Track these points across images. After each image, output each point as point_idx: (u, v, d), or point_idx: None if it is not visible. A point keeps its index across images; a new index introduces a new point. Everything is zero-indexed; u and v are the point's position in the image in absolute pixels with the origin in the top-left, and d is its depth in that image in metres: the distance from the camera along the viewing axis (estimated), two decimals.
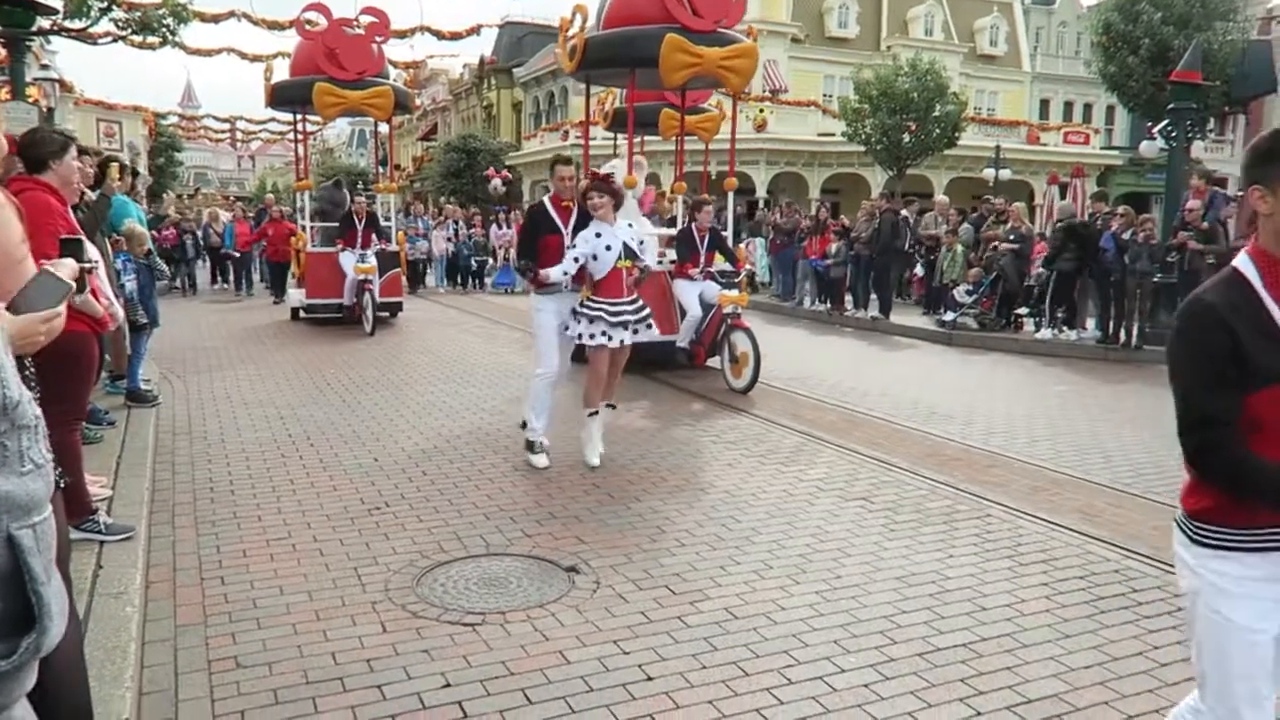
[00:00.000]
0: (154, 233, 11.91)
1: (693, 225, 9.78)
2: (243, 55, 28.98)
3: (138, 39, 12.09)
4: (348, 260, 13.00)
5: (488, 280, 21.29)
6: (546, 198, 6.40)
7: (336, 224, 14.00)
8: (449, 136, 43.93)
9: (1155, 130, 18.92)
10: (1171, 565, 2.29)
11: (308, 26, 13.70)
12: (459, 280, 21.36)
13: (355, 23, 13.56)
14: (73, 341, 4.02)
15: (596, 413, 6.13)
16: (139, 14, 12.36)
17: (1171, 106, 13.25)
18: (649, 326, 6.18)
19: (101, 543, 4.22)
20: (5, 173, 3.77)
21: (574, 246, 5.92)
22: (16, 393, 0.96)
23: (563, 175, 6.20)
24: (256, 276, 20.33)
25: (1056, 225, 12.93)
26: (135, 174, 9.71)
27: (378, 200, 14.93)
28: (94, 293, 4.43)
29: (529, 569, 4.38)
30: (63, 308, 1.76)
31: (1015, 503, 5.54)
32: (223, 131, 50.04)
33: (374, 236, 13.29)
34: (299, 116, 15.03)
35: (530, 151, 37.70)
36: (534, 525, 4.98)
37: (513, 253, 19.74)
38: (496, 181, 31.33)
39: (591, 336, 5.93)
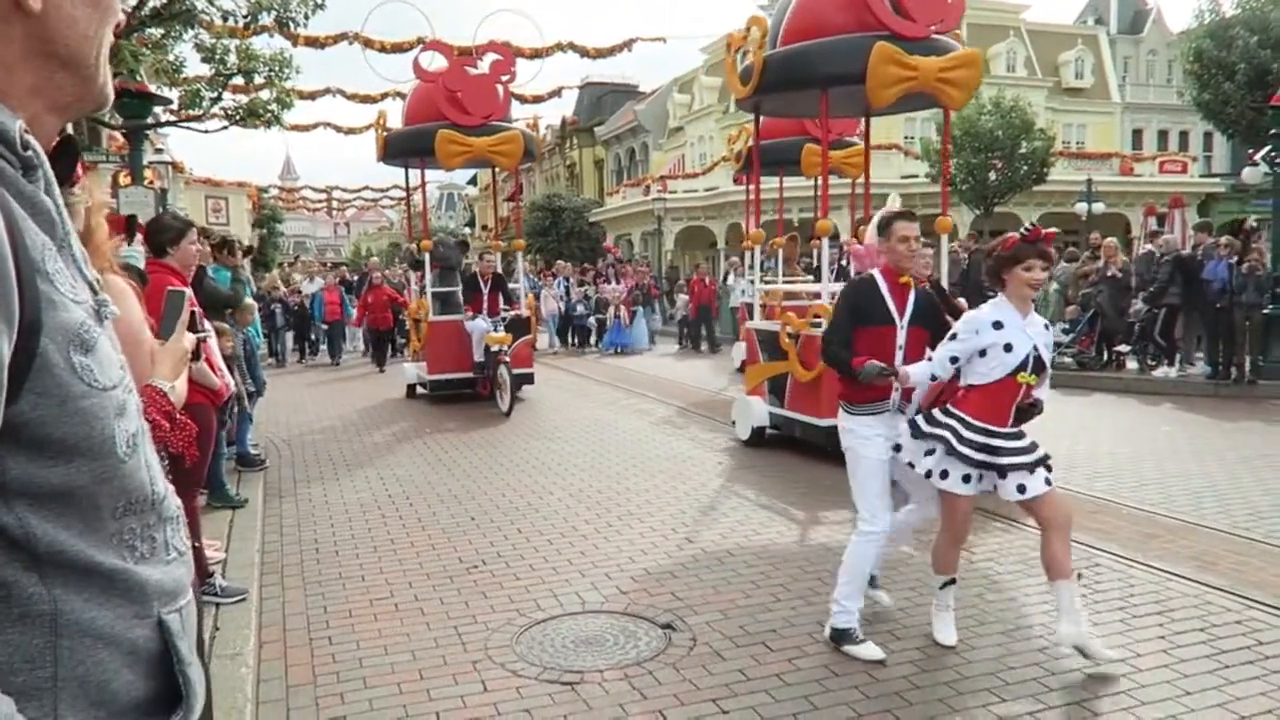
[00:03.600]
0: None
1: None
2: (337, 129, 30.52)
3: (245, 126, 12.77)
4: (477, 329, 11.48)
5: (594, 340, 20.21)
6: (876, 269, 4.24)
7: (454, 288, 12.74)
8: (534, 196, 44.99)
9: (1258, 156, 18.22)
10: None
11: (425, 67, 12.09)
12: (571, 339, 20.37)
13: (477, 61, 11.97)
14: (192, 412, 4.26)
15: (953, 581, 4.19)
16: (247, 101, 13.12)
17: (1273, 132, 12.77)
18: (1048, 471, 3.92)
19: (218, 605, 4.41)
20: (115, 252, 4.08)
21: (953, 337, 3.93)
22: (163, 488, 1.05)
23: (906, 234, 4.09)
24: (347, 344, 19.48)
25: (1162, 259, 12.51)
26: (249, 250, 10.10)
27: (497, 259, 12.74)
28: (209, 364, 4.70)
29: (625, 626, 4.39)
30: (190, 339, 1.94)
31: (1125, 551, 5.32)
32: (319, 201, 52.50)
33: (501, 300, 11.87)
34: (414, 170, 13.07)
35: (614, 207, 38.34)
36: (629, 582, 5.01)
37: (623, 311, 19.09)
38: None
39: (944, 475, 3.90)
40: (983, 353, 3.86)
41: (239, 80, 12.97)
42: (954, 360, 3.93)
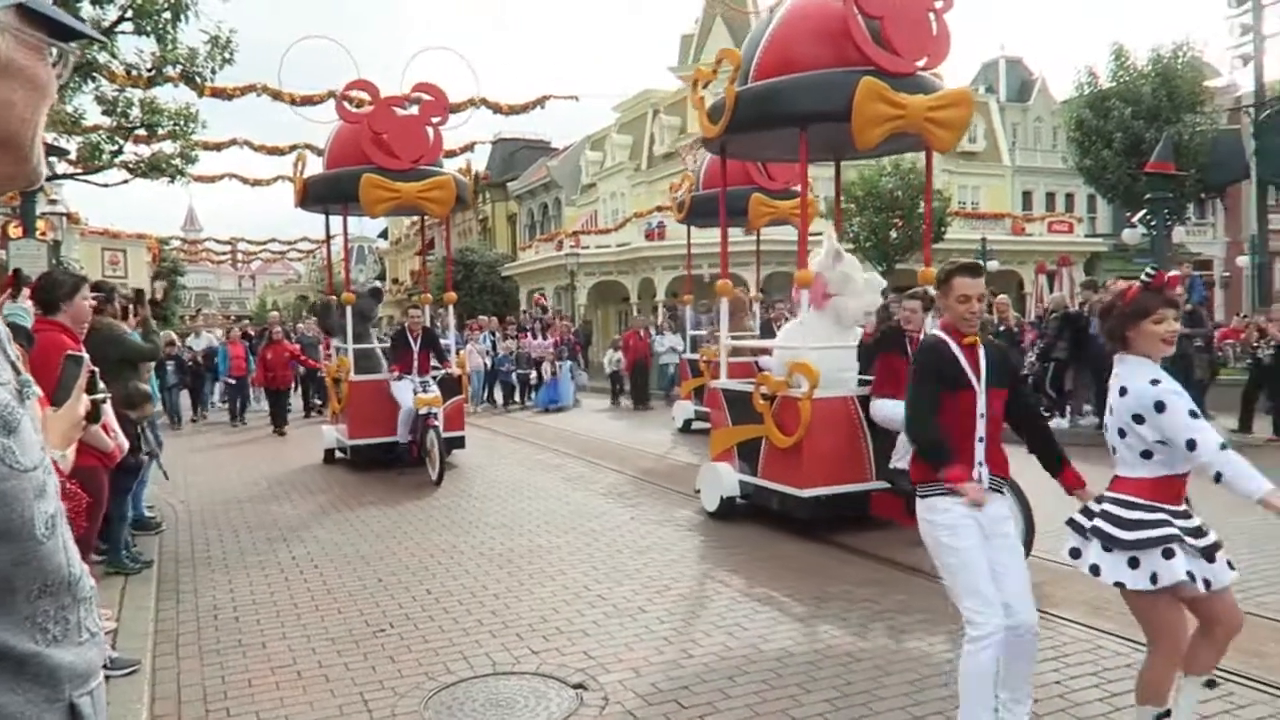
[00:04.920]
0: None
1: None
2: (244, 180, 29.96)
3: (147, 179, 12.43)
4: (404, 390, 10.56)
5: (530, 398, 19.49)
6: (937, 327, 3.80)
7: (370, 344, 11.87)
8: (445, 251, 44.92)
9: (1135, 219, 19.42)
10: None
11: (349, 107, 11.17)
12: (492, 397, 19.63)
13: (407, 102, 11.06)
14: (82, 476, 4.10)
15: (1168, 714, 3.31)
16: (150, 154, 12.80)
17: (1148, 196, 13.66)
18: (1229, 561, 3.22)
19: (107, 678, 4.19)
20: None
21: (1195, 415, 3.07)
22: (79, 569, 1.04)
23: (966, 293, 3.57)
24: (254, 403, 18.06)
25: (1051, 315, 13.15)
26: (148, 298, 9.34)
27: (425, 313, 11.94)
28: (103, 425, 4.54)
29: (536, 687, 4.34)
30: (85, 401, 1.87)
31: None
32: (224, 253, 51.19)
33: (431, 358, 11.00)
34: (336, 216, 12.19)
35: (527, 261, 38.39)
36: (540, 641, 4.96)
37: (559, 365, 18.52)
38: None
39: (1160, 575, 3.09)
40: (1161, 440, 3.11)
41: (141, 132, 12.67)
42: (1149, 455, 3.15)
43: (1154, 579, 3.07)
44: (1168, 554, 3.06)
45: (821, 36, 7.31)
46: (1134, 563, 3.11)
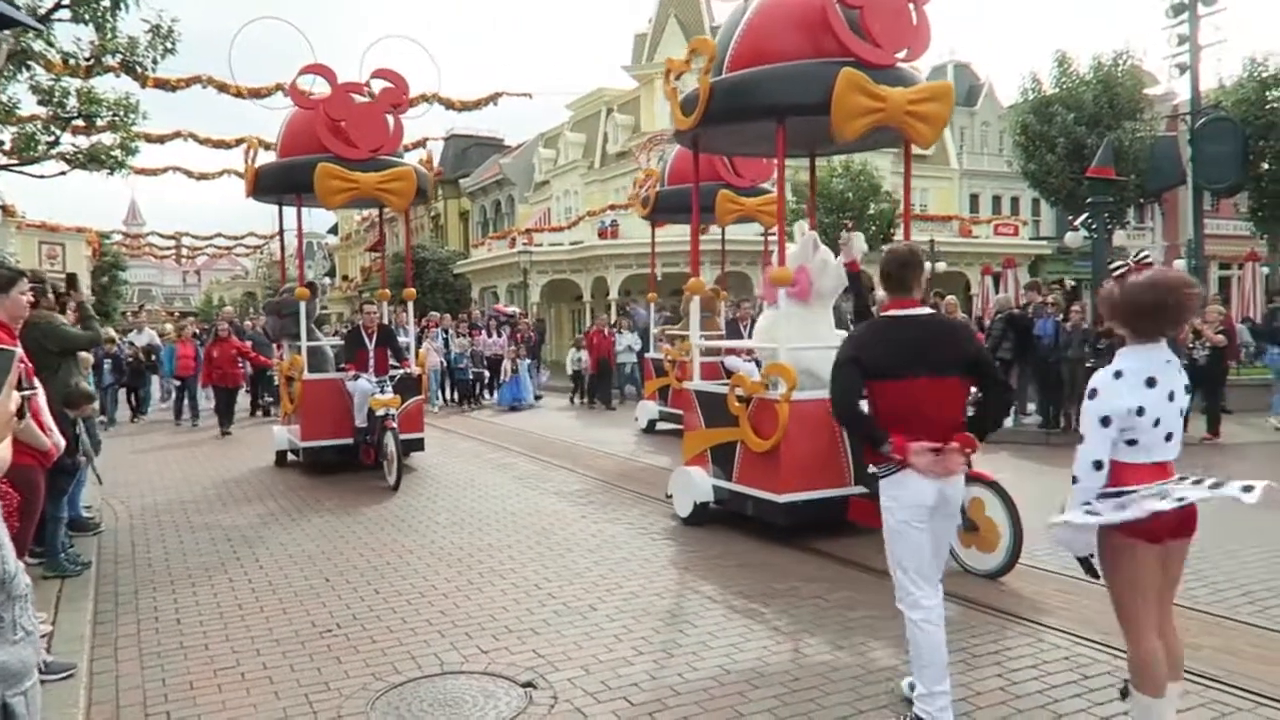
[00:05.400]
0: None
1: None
2: (189, 174, 29.36)
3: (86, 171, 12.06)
4: (359, 389, 10.19)
5: (486, 397, 19.34)
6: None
7: (321, 342, 11.37)
8: (397, 246, 44.48)
9: (1077, 222, 19.87)
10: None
11: (304, 92, 10.58)
12: (452, 395, 19.32)
13: (366, 89, 10.54)
14: (18, 474, 3.99)
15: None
16: (88, 145, 12.46)
17: (1089, 200, 13.99)
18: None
19: (42, 682, 4.08)
20: None
21: (1093, 393, 3.23)
22: (14, 566, 1.02)
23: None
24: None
25: (995, 316, 13.41)
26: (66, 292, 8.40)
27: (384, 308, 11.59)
28: (38, 422, 4.42)
29: (485, 686, 4.32)
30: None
31: (967, 594, 5.59)
32: (168, 248, 50.09)
33: (389, 356, 10.58)
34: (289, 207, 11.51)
35: (479, 259, 38.11)
36: (490, 640, 4.93)
37: (519, 363, 18.37)
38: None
39: (1121, 509, 3.12)
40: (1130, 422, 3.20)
41: (79, 123, 12.33)
42: (1099, 467, 3.27)
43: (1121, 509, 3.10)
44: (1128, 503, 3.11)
45: (799, 26, 7.06)
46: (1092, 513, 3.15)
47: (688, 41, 9.47)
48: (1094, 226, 14.26)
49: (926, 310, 3.86)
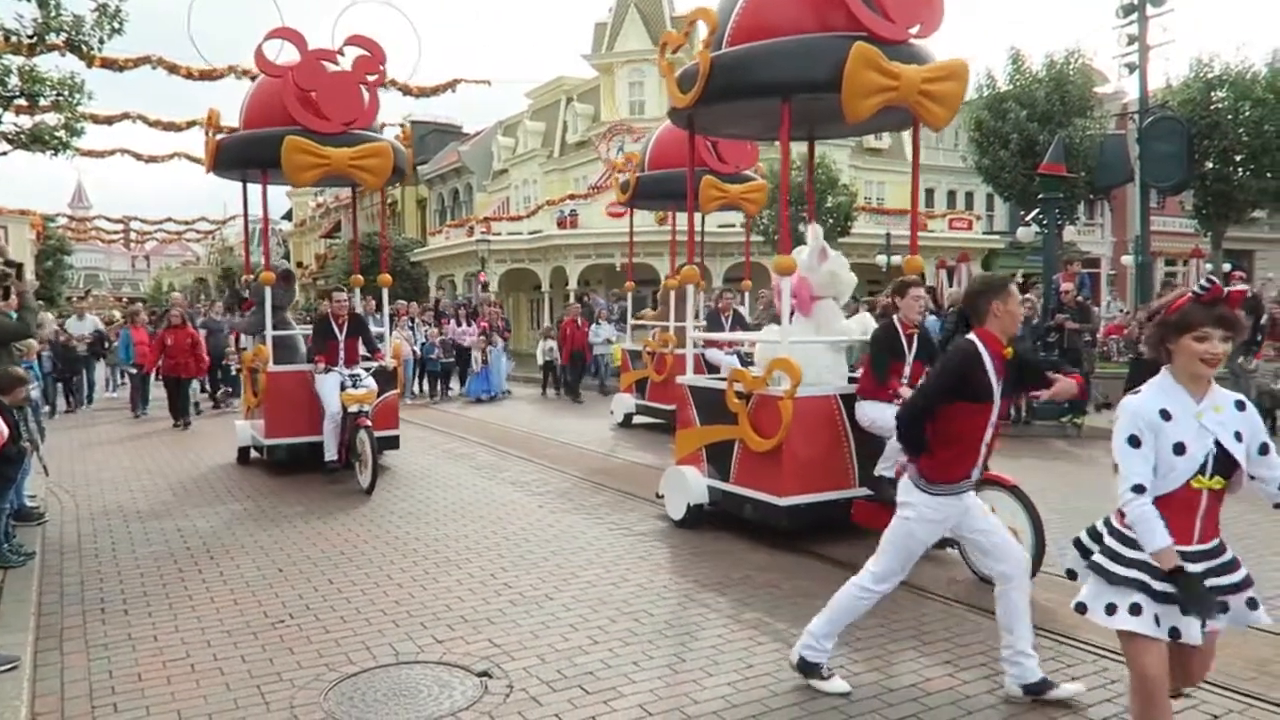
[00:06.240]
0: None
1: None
2: (138, 156, 28.69)
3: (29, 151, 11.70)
4: (329, 385, 9.25)
5: (454, 388, 18.61)
6: (975, 336, 3.95)
7: (293, 330, 10.65)
8: (352, 234, 44.08)
9: (1029, 218, 20.22)
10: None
11: (270, 58, 9.51)
12: (423, 386, 18.52)
13: (338, 56, 9.73)
14: None
15: None
16: (31, 125, 12.10)
17: (1041, 196, 14.22)
18: (1252, 599, 3.02)
19: None
20: None
21: (1133, 442, 2.91)
22: None
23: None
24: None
25: (950, 310, 13.59)
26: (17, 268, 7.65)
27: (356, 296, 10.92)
28: None
29: (440, 676, 4.31)
30: None
31: (918, 582, 5.68)
32: (115, 232, 49.00)
33: (362, 346, 9.79)
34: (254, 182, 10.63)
35: (437, 247, 37.77)
36: (445, 630, 4.92)
37: (489, 351, 17.79)
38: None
39: (1135, 612, 2.92)
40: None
41: (21, 102, 11.98)
42: (1139, 489, 2.87)
43: (1110, 610, 2.95)
44: (1134, 609, 2.90)
45: None
46: (1111, 609, 2.95)
47: (649, 31, 9.19)
48: (1045, 222, 14.51)
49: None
